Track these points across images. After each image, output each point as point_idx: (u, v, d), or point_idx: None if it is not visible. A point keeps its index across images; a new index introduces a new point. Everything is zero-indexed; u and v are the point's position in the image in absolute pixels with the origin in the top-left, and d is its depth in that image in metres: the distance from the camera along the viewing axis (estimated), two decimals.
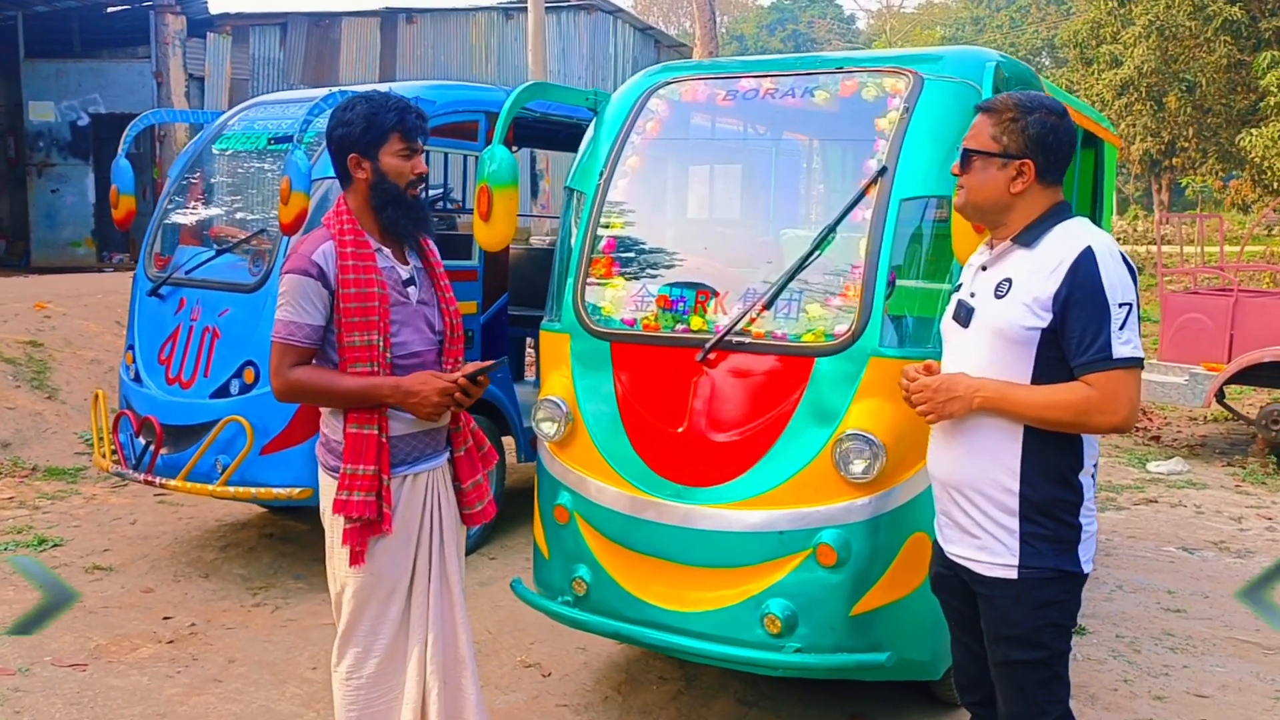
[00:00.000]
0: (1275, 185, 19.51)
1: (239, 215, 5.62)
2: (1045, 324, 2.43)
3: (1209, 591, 5.48)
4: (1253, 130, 20.26)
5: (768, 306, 3.57)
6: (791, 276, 3.56)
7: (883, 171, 3.53)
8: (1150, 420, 10.24)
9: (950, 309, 2.72)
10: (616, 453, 3.69)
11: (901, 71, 3.75)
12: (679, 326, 3.70)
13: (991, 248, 2.64)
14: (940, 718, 3.99)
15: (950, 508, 2.65)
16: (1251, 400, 10.31)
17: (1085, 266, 2.40)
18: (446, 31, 18.83)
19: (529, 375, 7.28)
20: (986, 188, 2.55)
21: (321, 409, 2.96)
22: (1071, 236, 2.48)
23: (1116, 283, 2.40)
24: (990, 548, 2.55)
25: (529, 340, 7.38)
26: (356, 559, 2.86)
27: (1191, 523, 6.83)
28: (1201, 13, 23.63)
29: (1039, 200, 2.54)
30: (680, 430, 3.58)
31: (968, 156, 2.58)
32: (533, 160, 14.95)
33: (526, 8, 16.08)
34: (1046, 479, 2.50)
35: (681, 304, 3.73)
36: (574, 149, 7.11)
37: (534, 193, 15.97)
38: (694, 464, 3.55)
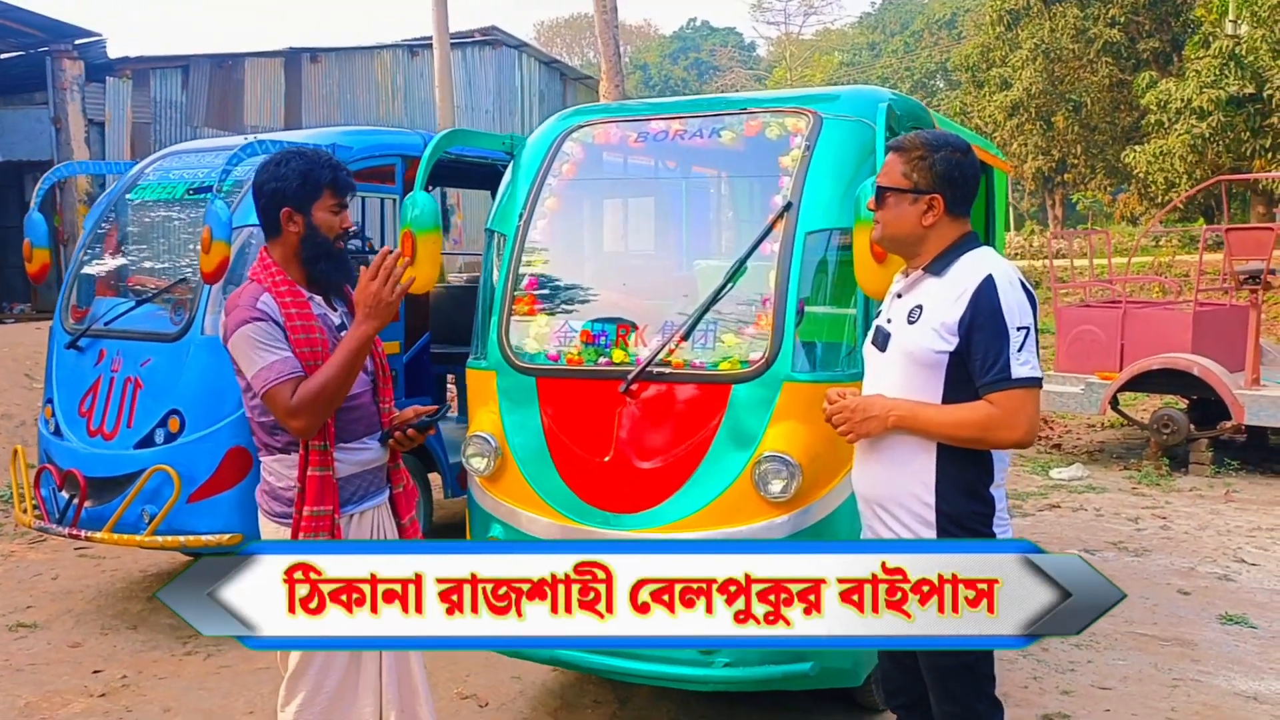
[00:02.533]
0: (1159, 198, 20.44)
1: (158, 265, 5.63)
2: (952, 348, 2.62)
3: None
4: (1135, 147, 21.22)
5: (685, 337, 3.74)
6: (707, 308, 3.74)
7: (788, 207, 3.74)
8: (1051, 429, 10.69)
9: (870, 334, 2.90)
10: (546, 484, 3.82)
11: (802, 111, 3.98)
12: (602, 360, 3.85)
13: (907, 276, 2.84)
14: None
15: (873, 522, 2.81)
16: (1144, 406, 10.82)
17: (986, 293, 2.59)
18: (352, 70, 18.84)
19: (451, 412, 7.36)
20: (900, 221, 2.74)
21: (262, 457, 3.01)
22: (975, 265, 2.68)
23: (1014, 307, 2.60)
24: None
25: (450, 377, 7.47)
26: None
27: (1092, 525, 7.19)
28: (1084, 35, 24.72)
29: (949, 231, 2.73)
30: (607, 459, 3.73)
31: (882, 193, 2.76)
32: (444, 197, 15.00)
33: (431, 44, 16.21)
34: (959, 492, 2.67)
35: (603, 338, 3.88)
36: (484, 187, 7.26)
37: (445, 229, 16.01)
38: (621, 491, 3.70)
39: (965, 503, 2.68)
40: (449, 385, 7.56)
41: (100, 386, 5.28)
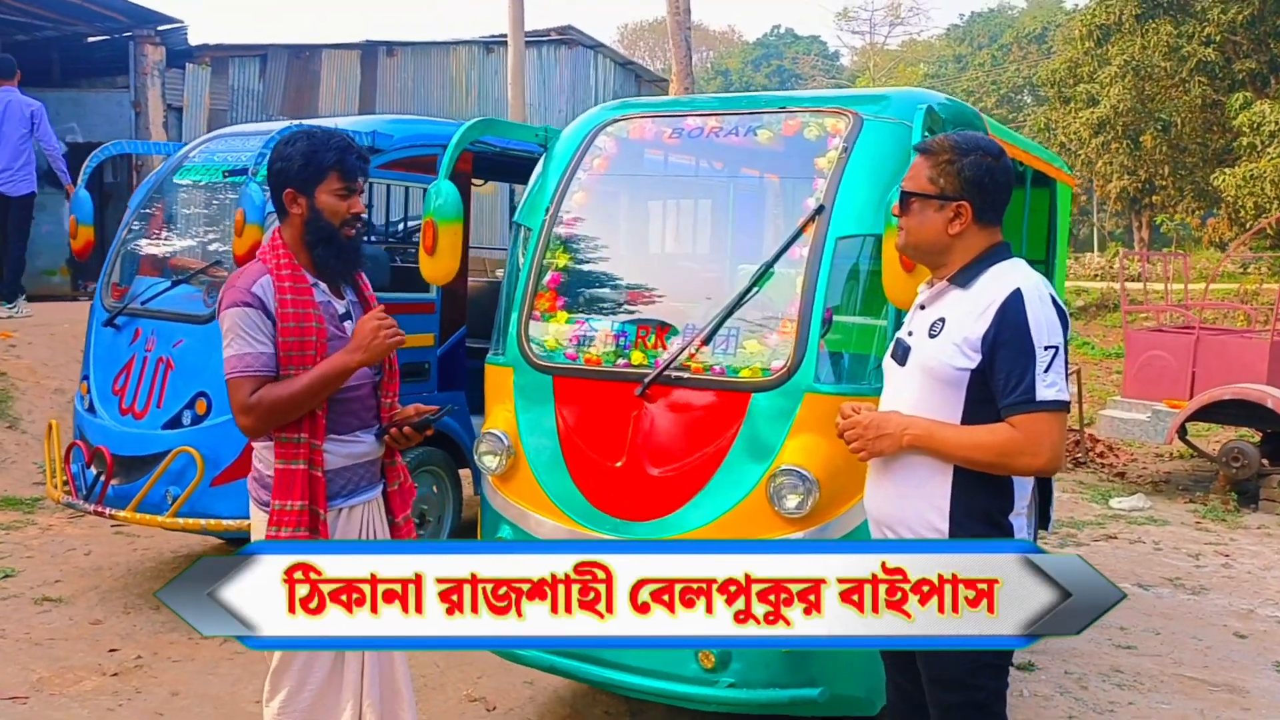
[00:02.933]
0: (1249, 224, 19.72)
1: (197, 246, 5.64)
2: (974, 365, 2.46)
3: (1161, 628, 5.50)
4: (1226, 170, 20.50)
5: (706, 342, 3.60)
6: (730, 312, 3.60)
7: (820, 210, 3.58)
8: (1116, 456, 10.30)
9: (890, 346, 2.75)
10: (557, 487, 3.71)
11: (842, 112, 3.81)
12: (620, 361, 3.73)
13: (931, 286, 2.67)
14: None
15: None
16: (1215, 437, 10.37)
17: (1013, 308, 2.42)
18: (427, 65, 18.95)
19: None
20: (925, 229, 2.58)
21: (254, 443, 2.96)
22: (1003, 278, 2.50)
23: (1043, 325, 2.42)
24: None
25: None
26: None
27: (1149, 559, 6.86)
28: (1176, 54, 23.98)
29: (977, 241, 2.57)
30: (619, 465, 3.60)
31: (906, 198, 2.60)
32: (511, 194, 15.02)
33: (507, 42, 16.23)
34: (975, 520, 2.51)
35: (623, 339, 3.76)
36: (520, 180, 7.16)
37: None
38: (632, 498, 3.57)
39: (981, 530, 2.51)
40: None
41: (134, 365, 5.30)
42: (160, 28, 14.80)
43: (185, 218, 5.79)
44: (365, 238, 3.11)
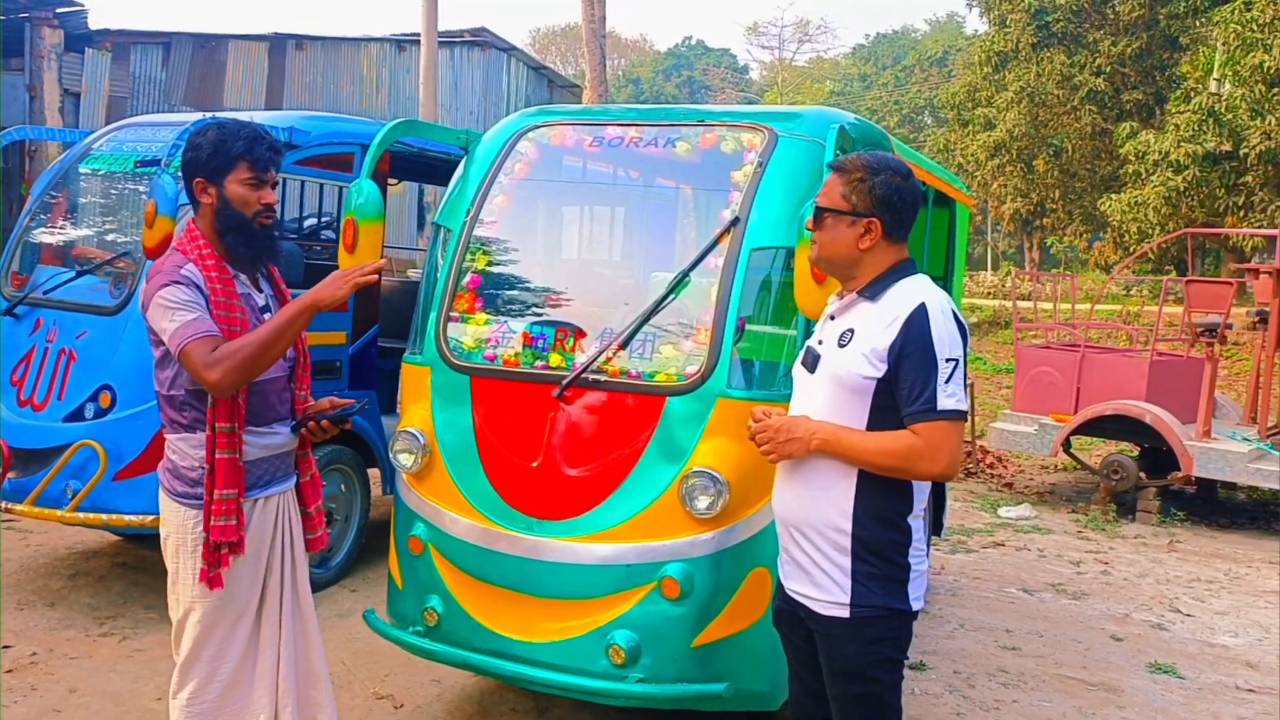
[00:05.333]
0: (1133, 248, 20.60)
1: (102, 237, 5.53)
2: (880, 374, 2.58)
3: (1043, 631, 5.77)
4: (1113, 196, 21.38)
5: (624, 346, 3.69)
6: (646, 318, 3.69)
7: (735, 222, 3.70)
8: (1005, 468, 10.70)
9: (801, 354, 2.86)
10: (472, 485, 3.76)
11: (758, 128, 3.95)
12: (538, 363, 3.79)
13: (841, 298, 2.80)
14: None
15: (790, 545, 2.76)
16: (1097, 451, 10.85)
17: (918, 322, 2.55)
18: (337, 60, 18.71)
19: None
20: (837, 243, 2.69)
21: (167, 434, 2.95)
22: (909, 292, 2.64)
23: (945, 338, 2.56)
24: (824, 586, 2.66)
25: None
26: (218, 582, 2.86)
27: (1034, 565, 7.18)
28: (1069, 82, 24.94)
29: (885, 256, 2.69)
30: (535, 465, 3.67)
31: (820, 213, 2.72)
32: (420, 193, 14.93)
33: (419, 40, 16.12)
34: (877, 520, 2.63)
35: (541, 341, 3.83)
36: (440, 182, 7.16)
37: (420, 225, 15.93)
38: (547, 498, 3.64)
39: (882, 531, 2.64)
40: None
41: (34, 356, 5.17)
42: (59, 10, 14.35)
43: (91, 207, 5.67)
44: (278, 234, 3.11)
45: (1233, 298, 8.75)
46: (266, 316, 2.97)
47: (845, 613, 2.63)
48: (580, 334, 3.82)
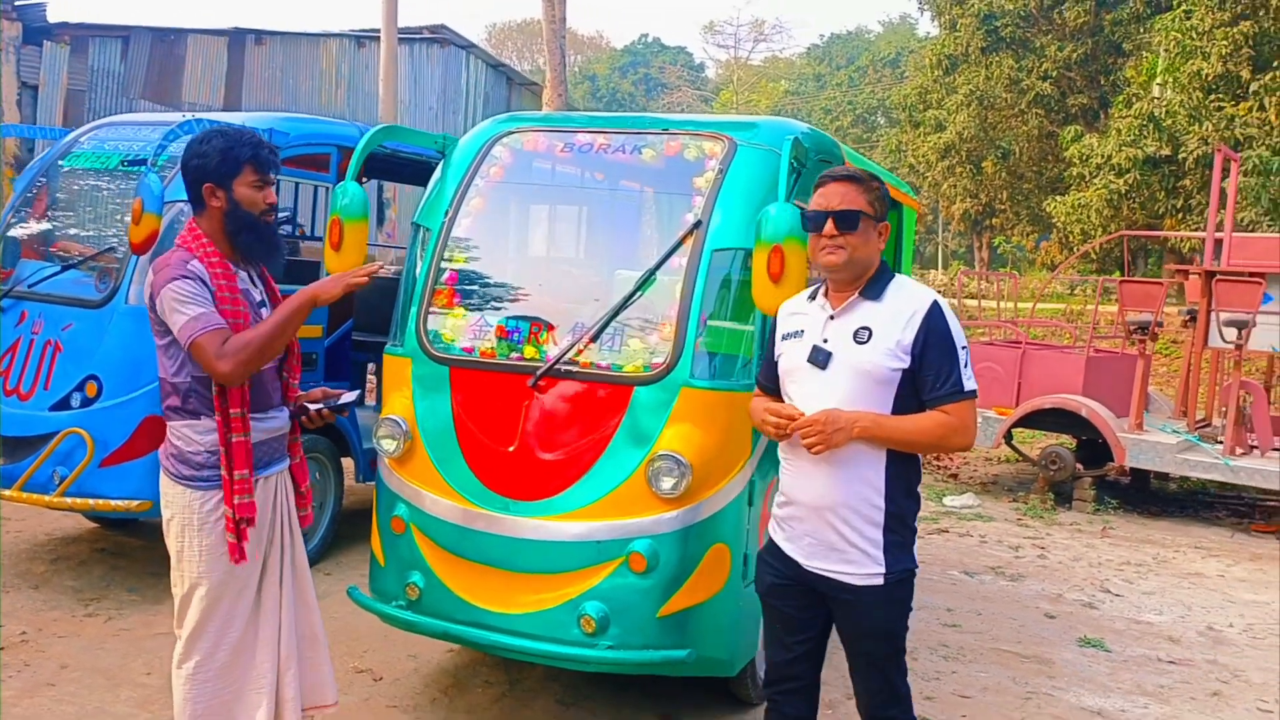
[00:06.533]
0: (1077, 248, 21.23)
1: (86, 233, 5.71)
2: (905, 366, 2.87)
3: (982, 609, 6.14)
4: (1058, 197, 22.00)
5: (594, 339, 3.97)
6: (616, 313, 3.98)
7: (698, 225, 4.00)
8: (950, 459, 11.12)
9: (798, 353, 3.00)
10: (451, 469, 4.02)
11: (719, 137, 4.25)
12: (513, 354, 4.07)
13: (824, 298, 2.99)
14: (739, 714, 4.43)
15: (819, 527, 2.94)
16: (1038, 443, 11.31)
17: (937, 318, 2.87)
18: (297, 56, 18.79)
19: (369, 400, 7.49)
20: (867, 246, 2.94)
21: (170, 421, 3.16)
22: (913, 291, 2.94)
23: (957, 330, 2.91)
24: (858, 560, 2.90)
25: (370, 366, 7.60)
26: (245, 556, 3.08)
27: (975, 550, 7.57)
28: (1017, 86, 25.58)
29: (879, 256, 3.00)
30: (511, 449, 3.94)
31: (853, 219, 2.90)
32: (380, 190, 15.08)
33: (379, 36, 16.26)
34: (902, 493, 2.93)
35: (516, 334, 4.10)
36: (418, 182, 7.41)
37: (380, 221, 16.07)
38: (522, 480, 3.91)
39: (906, 501, 2.94)
40: (369, 374, 7.68)
41: (19, 347, 5.35)
42: (17, 2, 14.36)
43: (75, 204, 5.84)
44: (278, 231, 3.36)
45: (1164, 298, 9.21)
46: (264, 311, 3.21)
47: (879, 580, 2.89)
48: (553, 328, 4.09)
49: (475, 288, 4.31)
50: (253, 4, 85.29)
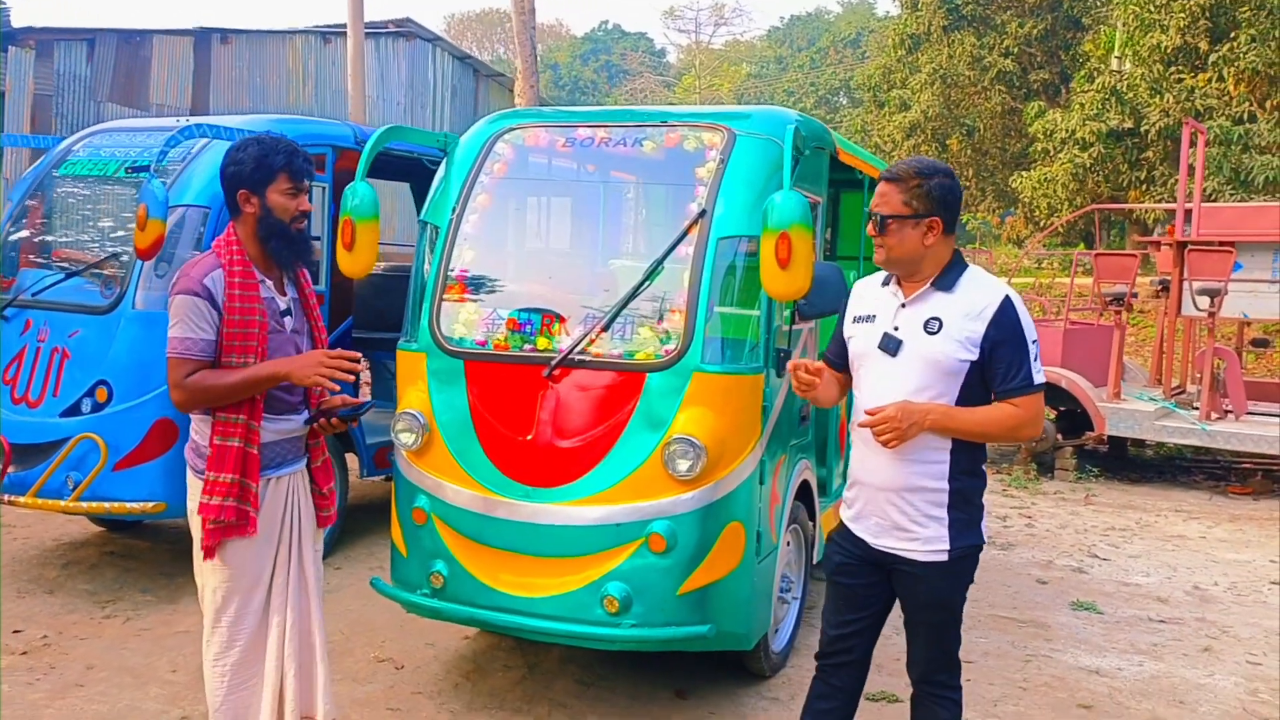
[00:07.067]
0: (1043, 223, 21.53)
1: (87, 240, 5.75)
2: (975, 358, 2.96)
3: (977, 579, 6.16)
4: (1022, 173, 22.28)
5: (606, 329, 4.09)
6: (626, 303, 4.10)
7: (702, 214, 4.12)
8: None
9: (870, 338, 3.10)
10: (471, 459, 4.13)
11: (717, 127, 4.36)
12: (527, 346, 4.18)
13: (896, 285, 3.08)
14: (750, 687, 4.57)
15: (887, 508, 3.07)
16: None
17: (1008, 313, 2.95)
18: (263, 54, 18.70)
19: (365, 395, 7.56)
20: (904, 245, 3.01)
21: (192, 416, 3.25)
22: (986, 285, 3.03)
23: (1028, 324, 3.00)
24: (925, 537, 3.02)
25: (364, 362, 7.68)
26: (209, 554, 3.17)
27: None
28: (979, 63, 25.82)
29: (944, 249, 3.05)
30: (528, 438, 4.06)
31: (885, 221, 3.01)
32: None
33: (345, 32, 16.21)
34: (965, 473, 3.04)
35: (529, 326, 4.21)
36: (403, 179, 7.47)
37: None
38: (541, 467, 4.03)
39: (971, 481, 3.05)
40: (364, 370, 7.76)
41: (26, 355, 5.39)
42: None
43: (74, 212, 5.88)
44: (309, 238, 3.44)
45: (1137, 269, 9.44)
46: (287, 320, 3.28)
47: (944, 556, 3.02)
48: (564, 319, 4.21)
49: (485, 282, 4.41)
50: (217, 3, 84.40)
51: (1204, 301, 9.04)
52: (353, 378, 3.26)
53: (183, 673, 4.56)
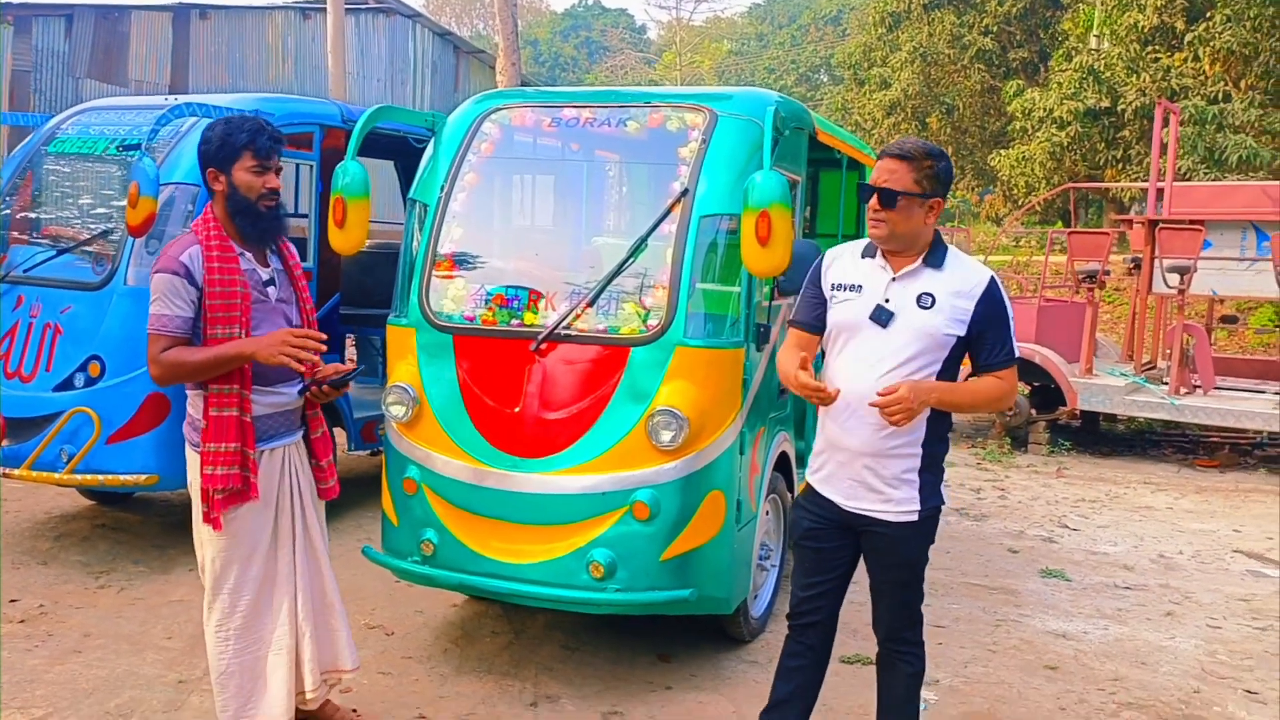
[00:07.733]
0: (1020, 201, 21.74)
1: (78, 217, 5.81)
2: (961, 333, 3.12)
3: (950, 548, 6.51)
4: (1002, 151, 22.46)
5: (591, 304, 4.22)
6: (611, 279, 4.22)
7: (685, 192, 4.24)
8: None
9: (858, 309, 3.20)
10: (460, 431, 4.26)
11: (699, 108, 4.48)
12: (514, 321, 4.30)
13: (882, 259, 3.19)
14: (730, 651, 4.73)
15: (862, 472, 3.20)
16: None
17: (994, 293, 3.14)
18: (242, 29, 18.63)
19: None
20: (910, 222, 3.14)
21: (189, 391, 3.34)
22: (970, 265, 3.20)
23: (1009, 303, 3.19)
24: (898, 499, 3.18)
25: (350, 338, 7.78)
26: (217, 524, 3.27)
27: None
28: (959, 42, 25.94)
29: (931, 228, 3.21)
30: (516, 410, 4.19)
31: (893, 196, 3.10)
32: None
33: (324, 8, 16.19)
34: (937, 439, 3.22)
35: (516, 302, 4.33)
36: (387, 157, 7.54)
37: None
38: (528, 438, 4.16)
39: (939, 446, 3.24)
40: (349, 346, 7.86)
41: (18, 330, 5.47)
42: None
43: (64, 189, 5.94)
44: (282, 213, 3.51)
45: (1111, 247, 9.62)
46: (270, 290, 3.37)
47: (915, 516, 3.19)
48: (550, 295, 4.33)
49: (474, 259, 4.52)
50: None
51: (1174, 279, 9.23)
52: (317, 357, 3.32)
53: (178, 640, 4.68)
